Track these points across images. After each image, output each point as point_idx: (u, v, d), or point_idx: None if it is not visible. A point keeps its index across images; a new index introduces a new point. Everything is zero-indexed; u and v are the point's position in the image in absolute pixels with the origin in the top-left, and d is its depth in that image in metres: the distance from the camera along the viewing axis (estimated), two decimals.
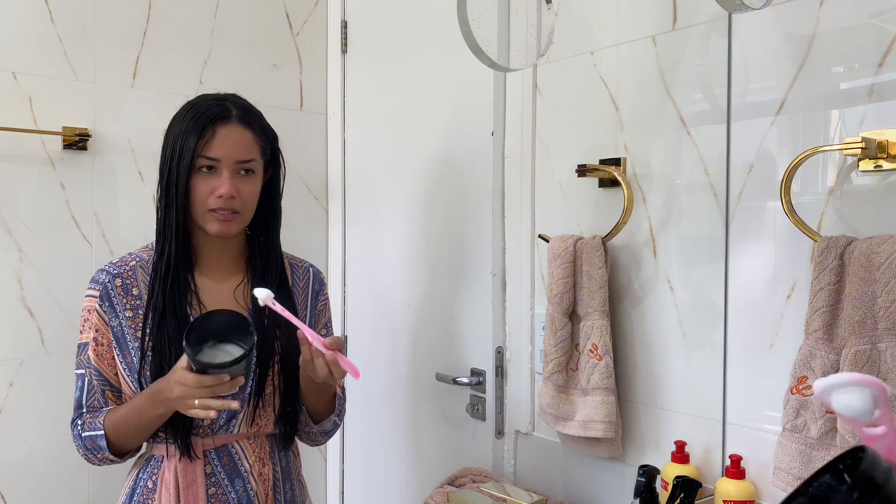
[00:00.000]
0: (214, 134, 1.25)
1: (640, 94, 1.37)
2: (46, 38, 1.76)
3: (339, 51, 2.15)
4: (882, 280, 0.99)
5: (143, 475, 1.32)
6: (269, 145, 1.33)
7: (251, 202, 1.30)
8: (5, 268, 1.73)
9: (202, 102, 1.29)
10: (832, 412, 1.03)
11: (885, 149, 1.03)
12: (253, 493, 1.31)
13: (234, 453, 1.31)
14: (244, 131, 1.28)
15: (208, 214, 1.26)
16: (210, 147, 1.24)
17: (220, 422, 1.29)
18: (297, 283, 1.42)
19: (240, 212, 1.28)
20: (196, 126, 1.25)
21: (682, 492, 1.15)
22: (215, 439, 1.30)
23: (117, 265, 1.32)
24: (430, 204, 1.86)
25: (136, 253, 1.36)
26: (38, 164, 1.76)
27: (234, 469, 1.31)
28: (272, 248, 1.37)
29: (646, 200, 1.36)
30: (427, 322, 1.87)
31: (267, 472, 1.34)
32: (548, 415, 1.41)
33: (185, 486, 1.27)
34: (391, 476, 1.99)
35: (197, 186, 1.25)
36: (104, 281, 1.30)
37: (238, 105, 1.30)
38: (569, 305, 1.38)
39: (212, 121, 1.25)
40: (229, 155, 1.25)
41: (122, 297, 1.30)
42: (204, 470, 1.28)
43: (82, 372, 1.31)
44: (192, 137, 1.24)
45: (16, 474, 1.75)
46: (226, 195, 1.24)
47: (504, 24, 1.54)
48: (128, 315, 1.30)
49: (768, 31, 1.19)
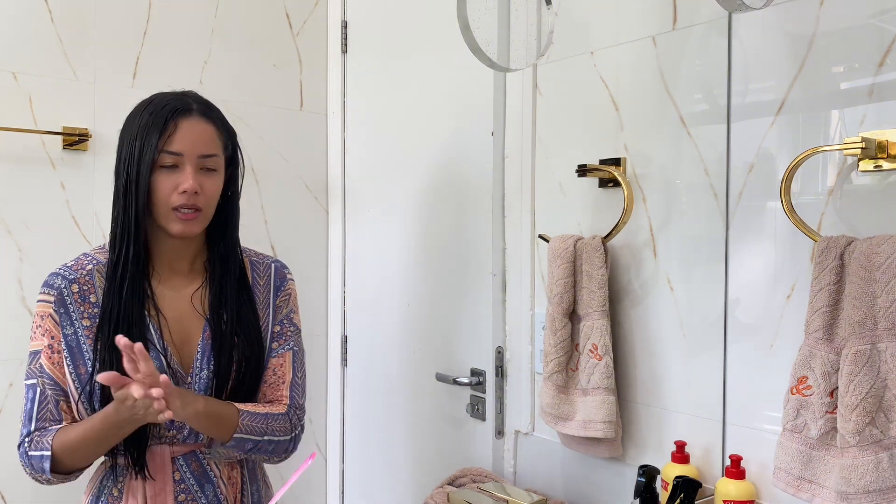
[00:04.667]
0: (177, 127, 1.21)
1: (640, 94, 1.37)
2: (46, 38, 1.76)
3: (339, 51, 2.15)
4: (882, 280, 0.99)
5: (108, 482, 1.29)
6: (230, 141, 1.30)
7: (213, 199, 1.26)
8: (5, 268, 1.73)
9: (160, 98, 1.25)
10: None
11: (885, 149, 1.02)
12: (223, 497, 1.30)
13: (203, 459, 1.29)
14: (206, 125, 1.25)
15: (171, 213, 1.22)
16: (172, 141, 1.20)
17: (186, 431, 1.26)
18: (258, 281, 1.37)
19: (202, 209, 1.24)
20: (157, 121, 1.20)
21: (682, 492, 1.15)
22: (183, 447, 1.27)
23: (73, 269, 1.27)
24: (430, 204, 1.86)
25: (91, 255, 1.30)
26: (38, 164, 1.76)
27: (204, 475, 1.29)
28: (231, 249, 1.33)
29: (646, 200, 1.36)
30: (427, 322, 1.87)
31: (236, 475, 1.33)
32: (548, 415, 1.41)
33: (152, 494, 1.24)
34: (391, 476, 1.99)
35: (159, 184, 1.21)
36: (59, 286, 1.25)
37: (198, 99, 1.27)
38: (569, 305, 1.38)
39: (173, 114, 1.21)
40: (192, 149, 1.22)
41: (80, 305, 1.25)
42: (173, 477, 1.26)
43: (34, 382, 1.25)
44: (154, 133, 1.19)
45: (16, 474, 1.74)
46: (189, 190, 1.20)
47: (504, 24, 1.54)
48: (85, 324, 1.24)
49: (768, 31, 1.19)
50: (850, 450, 1.00)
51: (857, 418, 0.99)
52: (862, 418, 0.99)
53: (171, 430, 1.26)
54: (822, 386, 1.04)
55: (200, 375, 1.28)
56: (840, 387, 1.01)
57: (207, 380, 1.28)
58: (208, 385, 1.28)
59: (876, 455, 0.98)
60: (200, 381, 1.28)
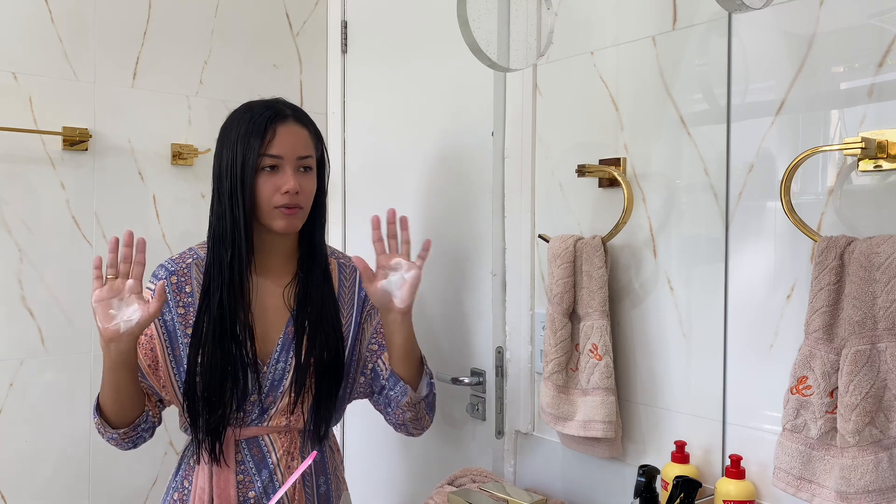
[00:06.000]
0: (276, 133, 1.30)
1: (640, 94, 1.37)
2: (46, 38, 1.76)
3: (339, 51, 2.15)
4: (882, 280, 0.99)
5: (189, 452, 1.39)
6: (320, 143, 1.39)
7: (311, 197, 1.36)
8: (5, 268, 1.73)
9: (255, 107, 1.34)
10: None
11: (885, 149, 1.02)
12: (279, 484, 1.35)
13: (264, 445, 1.36)
14: (301, 129, 1.34)
15: (274, 212, 1.31)
16: (272, 146, 1.30)
17: (253, 415, 1.34)
18: (344, 283, 1.45)
19: (303, 207, 1.33)
20: (256, 128, 1.30)
21: (682, 492, 1.15)
22: (246, 431, 1.35)
23: (175, 261, 1.38)
24: (430, 204, 1.86)
25: (195, 249, 1.40)
26: (38, 164, 1.76)
27: (263, 460, 1.36)
28: (319, 247, 1.41)
29: (646, 200, 1.36)
30: (427, 322, 1.86)
31: (296, 465, 1.37)
32: (548, 415, 1.41)
33: (217, 469, 1.34)
34: (391, 476, 1.99)
35: (261, 186, 1.30)
36: (161, 277, 1.36)
37: (290, 106, 1.36)
38: (569, 305, 1.38)
39: (271, 121, 1.31)
40: (291, 152, 1.31)
41: (176, 294, 1.35)
42: (234, 458, 1.34)
43: None
44: (255, 139, 1.29)
45: (16, 474, 1.75)
46: (291, 190, 1.29)
47: (504, 24, 1.54)
48: (180, 312, 1.35)
49: (768, 31, 1.19)
50: (849, 450, 1.00)
51: (856, 418, 0.99)
52: (862, 418, 0.99)
53: (239, 412, 1.33)
54: (822, 386, 1.04)
55: (276, 367, 1.35)
56: (840, 387, 1.01)
57: (283, 371, 1.35)
58: (283, 376, 1.34)
59: (876, 455, 0.98)
60: (276, 373, 1.35)
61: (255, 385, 1.33)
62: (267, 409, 1.35)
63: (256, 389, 1.33)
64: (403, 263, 1.31)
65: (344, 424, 2.16)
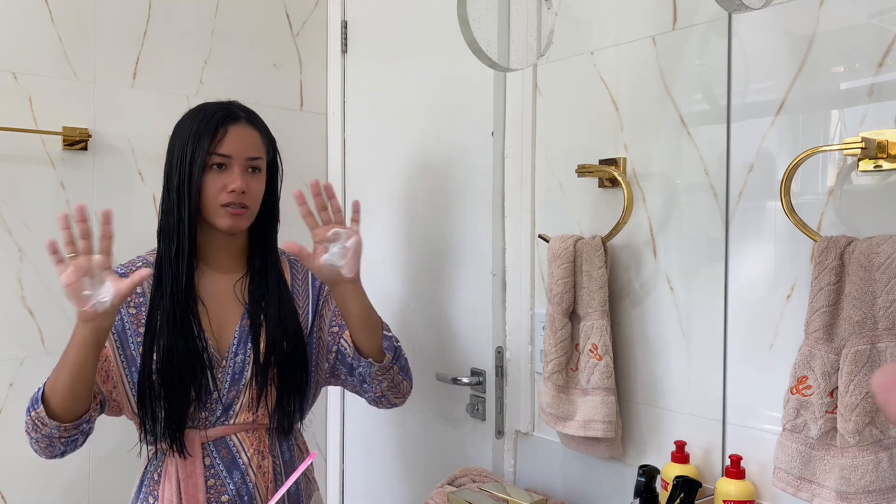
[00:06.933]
0: (226, 133, 1.33)
1: (640, 94, 1.37)
2: (46, 38, 1.76)
3: (339, 51, 2.15)
4: (882, 280, 0.99)
5: (151, 467, 1.37)
6: (271, 147, 1.42)
7: (258, 198, 1.37)
8: (5, 268, 1.73)
9: (208, 107, 1.37)
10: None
11: (884, 149, 1.03)
12: (253, 486, 1.34)
13: (232, 446, 1.35)
14: (252, 131, 1.37)
15: (220, 210, 1.33)
16: (222, 145, 1.32)
17: (217, 413, 1.33)
18: (297, 277, 1.47)
19: (249, 207, 1.35)
20: (207, 127, 1.32)
21: (682, 492, 1.15)
22: (212, 432, 1.33)
23: (125, 266, 1.39)
24: (430, 204, 1.86)
25: (144, 256, 1.42)
26: (38, 164, 1.76)
27: (233, 461, 1.34)
28: (271, 247, 1.44)
29: (646, 200, 1.36)
30: (427, 322, 1.87)
31: (267, 465, 1.36)
32: (548, 415, 1.41)
33: (184, 476, 1.32)
34: (391, 476, 1.99)
35: (209, 184, 1.32)
36: None
37: (243, 108, 1.39)
38: (569, 305, 1.38)
39: (223, 121, 1.33)
40: (240, 152, 1.33)
41: None
42: (203, 462, 1.32)
43: None
44: (205, 137, 1.31)
45: (16, 474, 1.75)
46: (238, 189, 1.31)
47: (504, 24, 1.54)
48: (131, 311, 1.35)
49: (768, 31, 1.19)
50: (849, 450, 1.00)
51: (856, 418, 0.99)
52: (862, 418, 0.99)
53: (203, 412, 1.32)
54: (822, 386, 1.04)
55: (235, 360, 1.35)
56: (840, 387, 1.01)
57: (243, 364, 1.35)
58: (244, 369, 1.35)
59: (876, 455, 0.98)
60: (235, 365, 1.35)
61: (214, 380, 1.33)
62: (231, 405, 1.34)
63: (215, 384, 1.32)
64: (342, 232, 1.32)
65: (344, 424, 2.17)
